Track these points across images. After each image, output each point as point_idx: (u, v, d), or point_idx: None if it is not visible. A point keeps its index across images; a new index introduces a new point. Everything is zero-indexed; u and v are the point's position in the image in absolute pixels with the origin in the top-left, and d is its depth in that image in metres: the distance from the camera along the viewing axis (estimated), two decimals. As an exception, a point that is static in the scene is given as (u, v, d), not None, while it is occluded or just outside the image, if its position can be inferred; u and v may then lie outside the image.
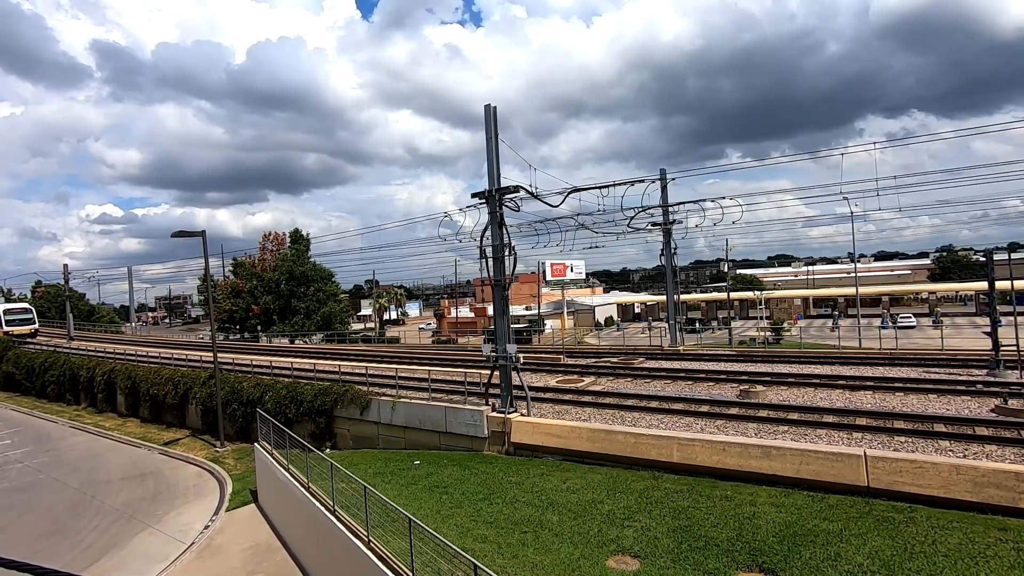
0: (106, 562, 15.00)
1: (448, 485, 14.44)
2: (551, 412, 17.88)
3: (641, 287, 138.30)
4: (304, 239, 61.79)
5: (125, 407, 32.81)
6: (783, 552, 9.47)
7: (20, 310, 53.49)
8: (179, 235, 24.78)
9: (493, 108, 17.42)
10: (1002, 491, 10.21)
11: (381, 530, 10.74)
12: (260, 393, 23.93)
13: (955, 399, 16.26)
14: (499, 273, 17.54)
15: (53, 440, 28.76)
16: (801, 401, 17.01)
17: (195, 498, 19.43)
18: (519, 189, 17.50)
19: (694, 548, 9.94)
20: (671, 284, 30.40)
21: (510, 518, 11.95)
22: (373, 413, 20.45)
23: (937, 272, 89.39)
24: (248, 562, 14.23)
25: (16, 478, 22.84)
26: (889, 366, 22.27)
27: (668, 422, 15.81)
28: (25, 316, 51.95)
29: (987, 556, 8.76)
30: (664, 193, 28.14)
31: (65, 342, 47.26)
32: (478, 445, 17.42)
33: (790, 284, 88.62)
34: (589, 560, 9.95)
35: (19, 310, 53.39)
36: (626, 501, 12.13)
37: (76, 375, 36.57)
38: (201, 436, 26.76)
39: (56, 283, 63.38)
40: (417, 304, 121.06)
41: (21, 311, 53.02)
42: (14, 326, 49.74)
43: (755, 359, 25.68)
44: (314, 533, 13.04)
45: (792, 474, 12.09)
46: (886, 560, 8.91)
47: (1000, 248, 40.43)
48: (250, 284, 60.79)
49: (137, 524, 17.35)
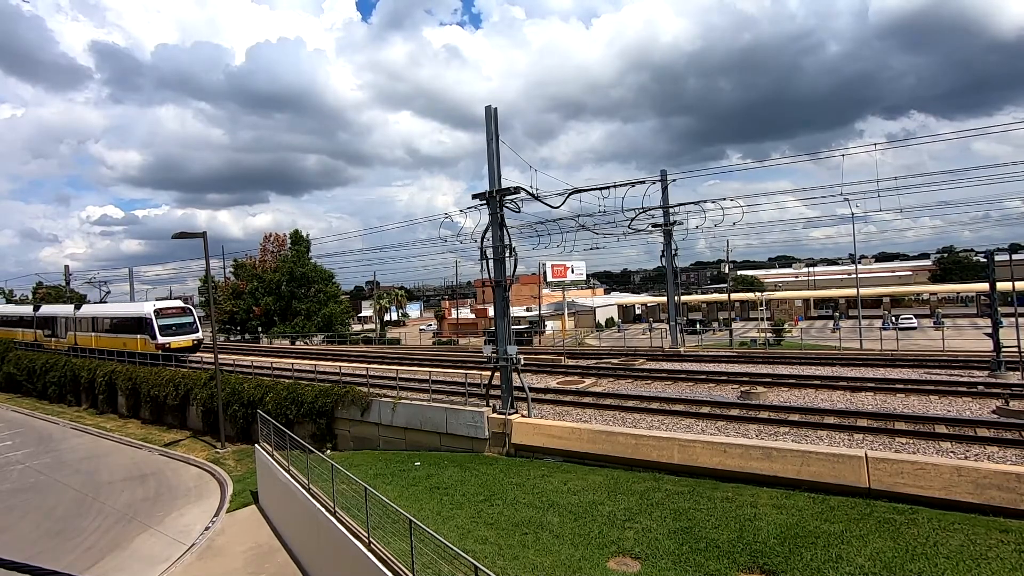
0: (107, 563, 15.01)
1: (449, 486, 14.43)
2: (552, 413, 17.88)
3: (642, 288, 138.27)
4: (304, 240, 61.88)
5: (126, 408, 32.84)
6: (784, 553, 9.46)
7: (177, 310, 35.31)
8: (180, 236, 24.82)
9: (493, 109, 17.43)
10: (1004, 493, 10.20)
11: (382, 531, 10.74)
12: (261, 394, 23.93)
13: (956, 400, 16.24)
14: (500, 274, 17.55)
15: (54, 441, 28.78)
16: (802, 402, 17.00)
17: (196, 499, 19.43)
18: (520, 190, 17.52)
19: (695, 549, 9.93)
20: (672, 285, 30.39)
21: (511, 519, 11.94)
22: (374, 414, 20.45)
23: (938, 273, 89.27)
24: (249, 563, 14.23)
25: (18, 479, 22.85)
26: (890, 367, 22.25)
27: (669, 423, 15.80)
28: (185, 320, 34.63)
29: (989, 558, 8.75)
30: (665, 194, 28.14)
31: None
32: (479, 446, 17.41)
33: (791, 285, 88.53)
34: (590, 562, 9.94)
35: (175, 310, 35.19)
36: (627, 502, 12.12)
37: (77, 376, 36.59)
38: (202, 437, 26.77)
39: (57, 284, 63.35)
40: (418, 305, 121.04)
41: (178, 311, 35.12)
42: (171, 335, 33.17)
43: (756, 360, 25.67)
44: (315, 534, 13.04)
45: (793, 475, 12.08)
46: (887, 562, 8.90)
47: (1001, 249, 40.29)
48: (251, 285, 60.88)
49: (138, 525, 17.35)
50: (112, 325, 36.79)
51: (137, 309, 35.58)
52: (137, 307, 36.80)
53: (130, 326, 34.72)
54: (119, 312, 37.90)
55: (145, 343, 33.33)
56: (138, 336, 33.75)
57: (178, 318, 34.56)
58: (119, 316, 37.00)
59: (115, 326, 36.47)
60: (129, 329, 34.73)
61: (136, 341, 33.82)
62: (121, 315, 37.00)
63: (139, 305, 37.95)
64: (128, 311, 36.87)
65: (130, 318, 35.23)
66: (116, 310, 38.88)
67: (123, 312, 37.53)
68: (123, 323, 35.83)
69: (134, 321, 34.51)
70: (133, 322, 34.58)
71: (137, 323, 34.10)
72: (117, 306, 41.75)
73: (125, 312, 37.19)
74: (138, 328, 33.90)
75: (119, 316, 37.00)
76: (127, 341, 34.74)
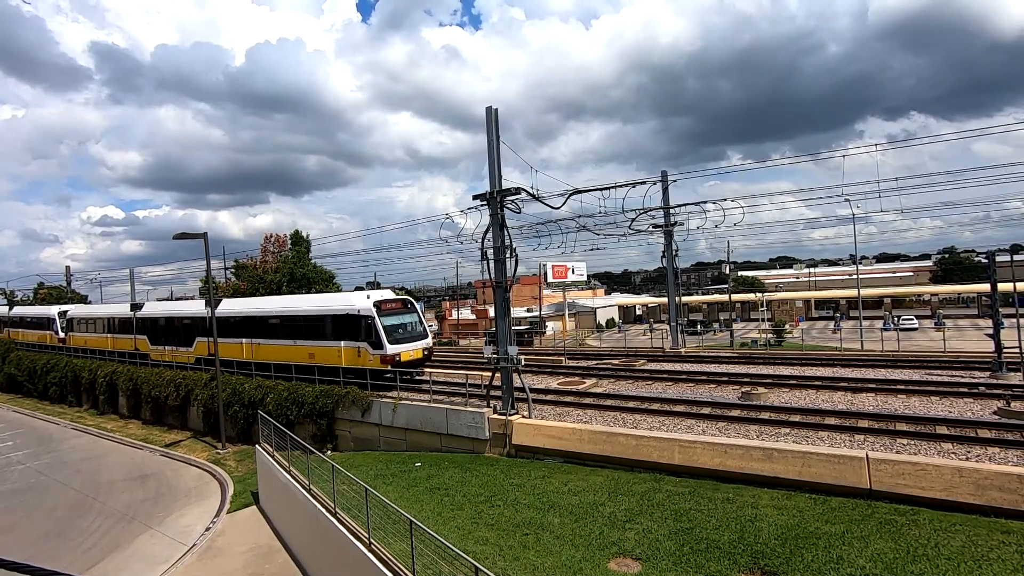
0: (108, 564, 15.01)
1: (449, 487, 14.42)
2: (552, 414, 17.87)
3: (642, 289, 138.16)
4: (304, 240, 61.86)
5: (127, 409, 32.86)
6: (785, 555, 9.45)
7: (398, 305, 23.95)
8: (181, 237, 24.82)
9: (494, 110, 17.44)
10: (1005, 494, 10.19)
11: (382, 532, 10.74)
12: (261, 395, 23.93)
13: (957, 401, 16.22)
14: (500, 275, 17.55)
15: (55, 442, 28.79)
16: (803, 403, 16.98)
17: (196, 500, 19.43)
18: (520, 191, 17.53)
19: (696, 550, 9.92)
20: (672, 286, 30.37)
21: (511, 520, 11.93)
22: (374, 415, 20.45)
23: (939, 274, 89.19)
24: (249, 564, 14.22)
25: (18, 479, 22.86)
26: (891, 368, 22.22)
27: (670, 424, 15.79)
28: (409, 320, 23.80)
29: (990, 559, 8.73)
30: (665, 195, 28.13)
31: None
32: (479, 447, 17.41)
33: (792, 286, 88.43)
34: (591, 562, 9.93)
35: (397, 305, 23.85)
36: (628, 503, 12.11)
37: (78, 377, 36.62)
38: (203, 438, 26.78)
39: (58, 285, 63.37)
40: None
41: (400, 307, 23.86)
42: (400, 341, 22.22)
43: (757, 361, 25.66)
44: (315, 535, 13.04)
45: (794, 476, 12.07)
46: (888, 563, 8.88)
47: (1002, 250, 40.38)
48: (252, 286, 60.90)
49: (139, 526, 17.35)
50: (296, 326, 24.79)
51: (343, 301, 23.72)
52: (342, 299, 24.54)
53: (334, 326, 23.06)
54: (311, 307, 25.04)
55: (362, 355, 22.05)
56: (347, 344, 22.39)
57: (402, 316, 23.37)
58: (313, 312, 24.39)
59: (302, 327, 24.46)
60: (332, 332, 23.06)
61: (340, 352, 22.47)
62: (315, 311, 24.33)
63: (343, 297, 25.62)
64: (325, 305, 24.39)
65: (334, 315, 23.21)
66: (300, 304, 26.13)
67: (317, 307, 24.64)
68: (320, 322, 23.64)
69: (340, 320, 22.89)
70: (339, 321, 22.91)
71: (346, 324, 22.68)
72: (296, 299, 29.94)
73: (321, 307, 24.40)
74: (347, 330, 22.58)
75: (313, 312, 24.39)
76: (323, 352, 23.22)
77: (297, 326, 24.86)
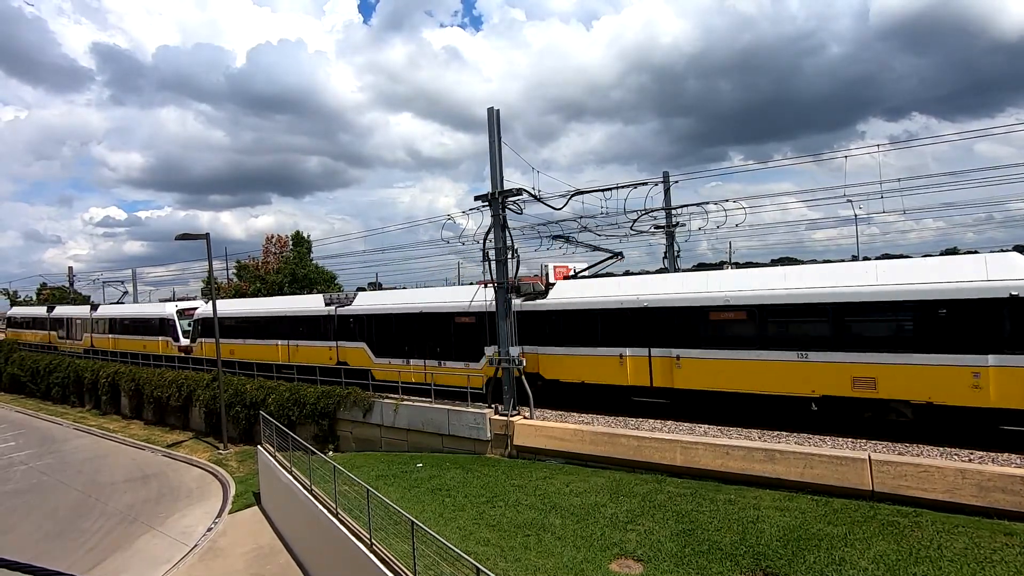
0: (109, 564, 15.04)
1: (451, 488, 14.42)
2: (554, 415, 17.85)
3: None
4: (306, 241, 61.91)
5: (129, 409, 32.91)
6: (787, 556, 9.43)
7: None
8: (183, 238, 24.87)
9: (496, 111, 17.44)
10: (1008, 495, 10.15)
11: (384, 532, 10.74)
12: (263, 395, 23.96)
13: (960, 402, 16.12)
14: (502, 276, 17.54)
15: (57, 442, 28.85)
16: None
17: (198, 500, 19.46)
18: (522, 192, 17.52)
19: (697, 552, 9.90)
20: (674, 287, 30.24)
21: (513, 521, 11.93)
22: (376, 415, 20.46)
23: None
24: (251, 564, 14.24)
25: (21, 480, 22.92)
26: (893, 369, 22.11)
27: (671, 425, 15.75)
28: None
29: (993, 561, 8.71)
30: (667, 196, 28.08)
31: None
32: (481, 448, 17.40)
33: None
34: (592, 564, 9.92)
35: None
36: (629, 504, 12.10)
37: (80, 377, 36.70)
38: (204, 438, 26.81)
39: (61, 285, 63.55)
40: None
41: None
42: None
43: (758, 362, 25.52)
44: (317, 535, 13.05)
45: (796, 478, 12.04)
46: (891, 565, 8.86)
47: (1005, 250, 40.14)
48: (254, 287, 60.96)
49: (140, 526, 17.39)
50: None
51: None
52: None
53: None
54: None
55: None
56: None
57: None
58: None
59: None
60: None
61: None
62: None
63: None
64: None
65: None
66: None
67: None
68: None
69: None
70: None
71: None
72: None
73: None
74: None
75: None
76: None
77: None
